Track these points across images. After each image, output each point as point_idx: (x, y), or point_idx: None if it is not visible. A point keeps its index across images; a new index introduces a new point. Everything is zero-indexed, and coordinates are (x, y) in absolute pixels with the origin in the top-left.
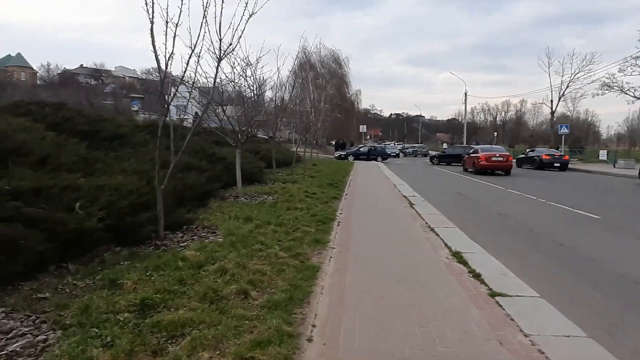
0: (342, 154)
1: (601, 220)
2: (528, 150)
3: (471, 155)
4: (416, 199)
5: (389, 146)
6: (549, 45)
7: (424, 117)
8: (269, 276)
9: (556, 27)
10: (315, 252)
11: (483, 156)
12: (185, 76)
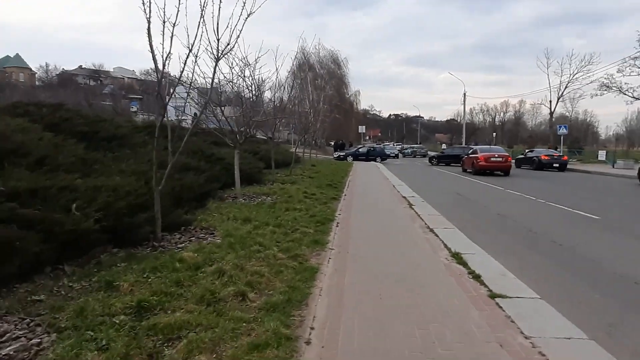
0: (341, 154)
1: (600, 221)
2: (527, 150)
3: (470, 155)
4: (415, 199)
5: (388, 147)
6: (548, 46)
7: (423, 117)
8: (267, 278)
9: (556, 27)
10: (314, 253)
11: (482, 157)
12: (183, 76)
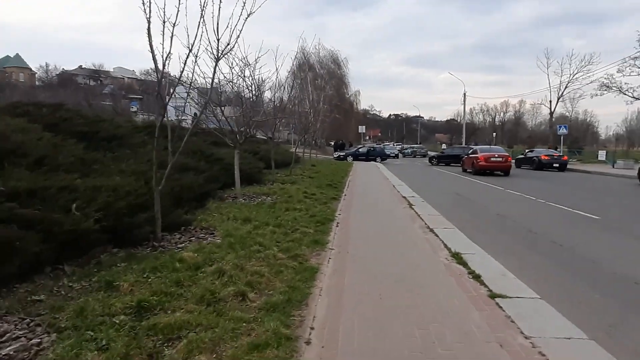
0: (341, 154)
1: (600, 221)
2: (527, 150)
3: (470, 155)
4: (415, 199)
5: (388, 147)
6: (548, 46)
7: (423, 117)
8: (267, 278)
9: (556, 27)
10: (314, 253)
11: (482, 157)
12: (183, 76)
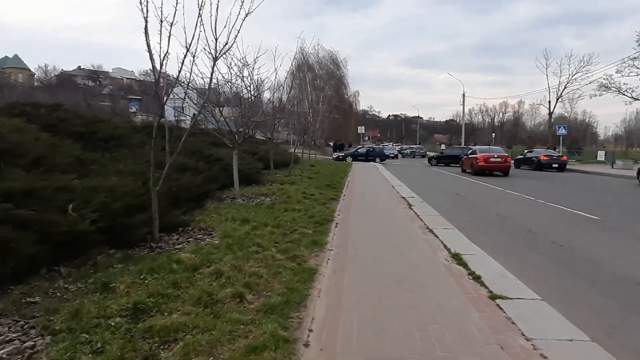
0: (340, 155)
1: (600, 221)
2: (526, 151)
3: (469, 156)
4: (414, 200)
5: (387, 147)
6: (548, 46)
7: (422, 118)
8: (265, 279)
9: (556, 27)
10: (313, 254)
11: (481, 157)
12: (180, 76)
